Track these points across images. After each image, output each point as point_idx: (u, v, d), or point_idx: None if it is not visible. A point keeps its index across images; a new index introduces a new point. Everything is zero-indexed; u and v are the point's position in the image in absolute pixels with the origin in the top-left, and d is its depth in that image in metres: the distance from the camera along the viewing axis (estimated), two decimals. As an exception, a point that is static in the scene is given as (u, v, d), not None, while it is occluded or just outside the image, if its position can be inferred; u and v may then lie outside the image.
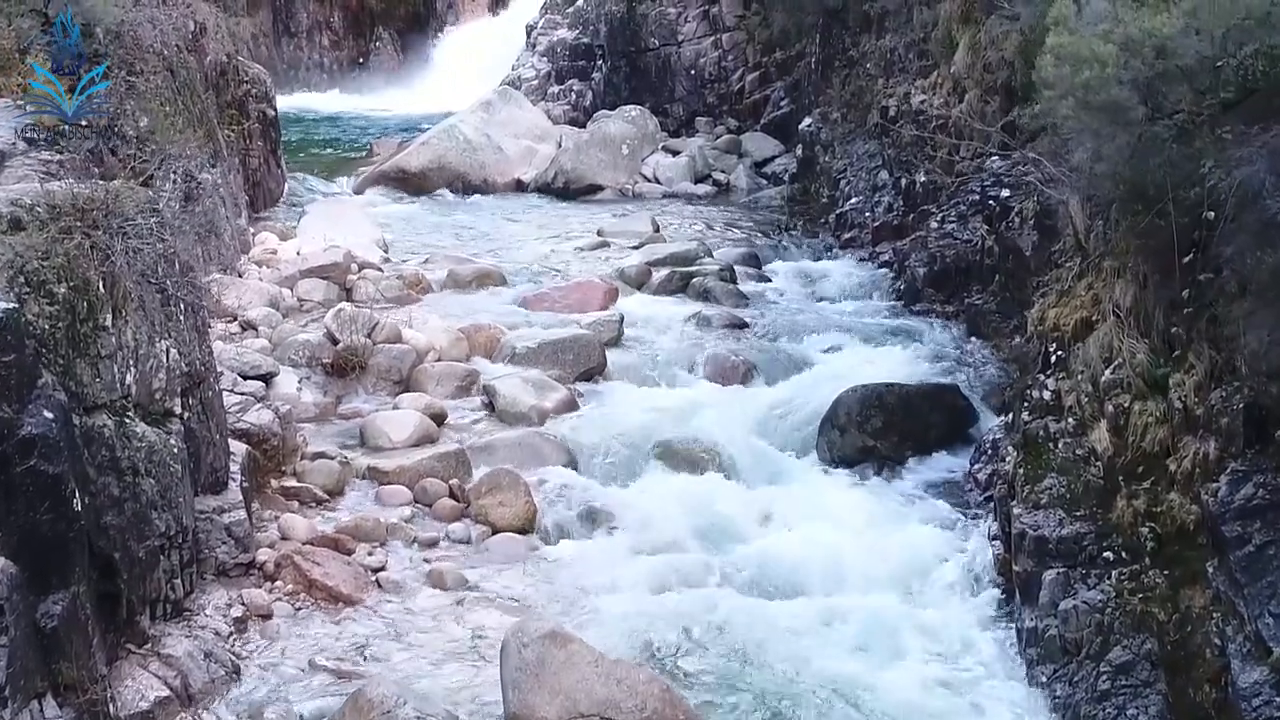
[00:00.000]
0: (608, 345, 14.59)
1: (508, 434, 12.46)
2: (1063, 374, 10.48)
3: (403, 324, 14.22)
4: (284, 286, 15.52)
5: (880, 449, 12.51)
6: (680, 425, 12.86)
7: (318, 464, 11.56)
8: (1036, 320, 11.05)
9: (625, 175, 23.58)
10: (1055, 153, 12.91)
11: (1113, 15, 7.69)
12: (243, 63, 21.12)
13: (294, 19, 39.39)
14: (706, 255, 17.93)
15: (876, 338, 15.23)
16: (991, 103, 17.01)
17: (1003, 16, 15.63)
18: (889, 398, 12.65)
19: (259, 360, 12.75)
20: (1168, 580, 8.58)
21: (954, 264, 16.20)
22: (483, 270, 16.89)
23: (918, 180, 18.36)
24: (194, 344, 9.90)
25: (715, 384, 14.01)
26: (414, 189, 22.96)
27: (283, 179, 21.90)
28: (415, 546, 10.74)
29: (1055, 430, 10.20)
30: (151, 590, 8.81)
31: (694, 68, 27.24)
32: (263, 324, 14.14)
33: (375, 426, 12.34)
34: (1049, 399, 10.48)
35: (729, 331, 15.31)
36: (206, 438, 10.00)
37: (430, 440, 12.31)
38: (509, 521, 11.04)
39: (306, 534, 10.49)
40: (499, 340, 14.45)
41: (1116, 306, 9.90)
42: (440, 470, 11.63)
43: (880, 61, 20.76)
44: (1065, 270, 11.28)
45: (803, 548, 10.81)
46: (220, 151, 16.68)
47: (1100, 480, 9.48)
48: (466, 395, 13.45)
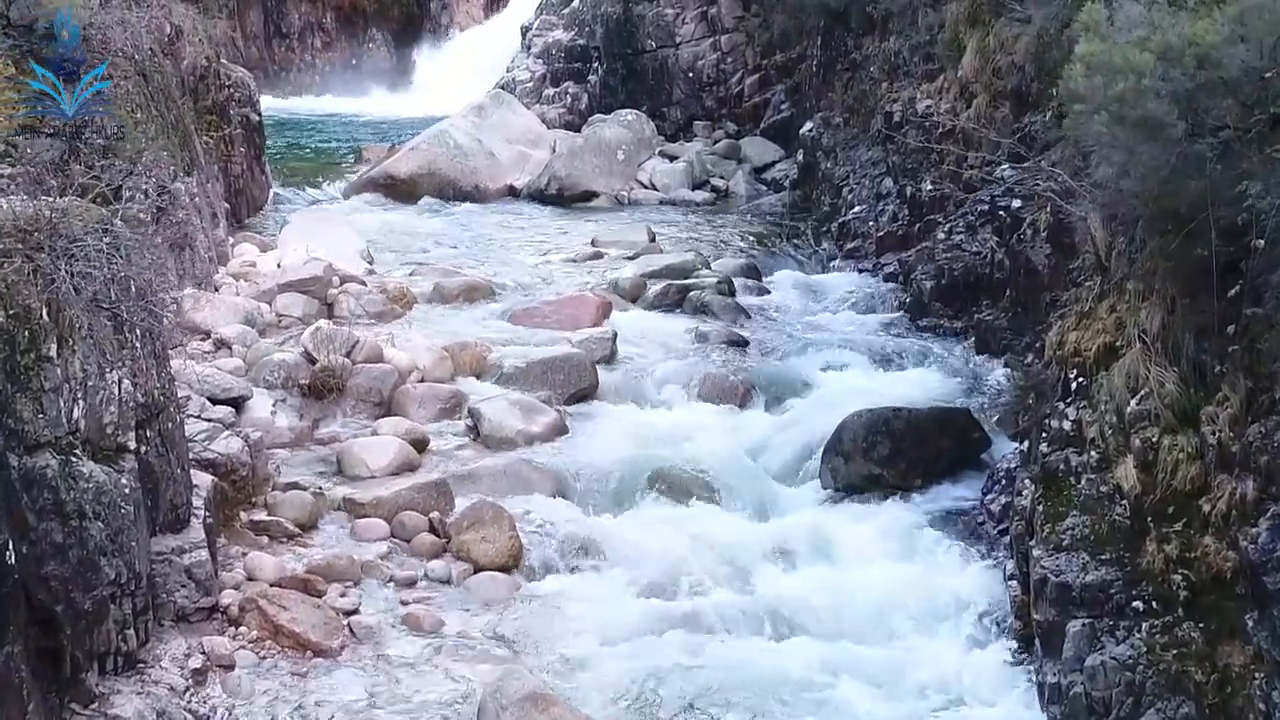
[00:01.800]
0: (600, 364, 13.90)
1: (493, 461, 11.77)
2: (1084, 403, 9.79)
3: (384, 342, 13.52)
4: (262, 301, 14.82)
5: (887, 477, 11.82)
6: (675, 451, 12.18)
7: (290, 496, 10.87)
8: (1055, 344, 10.36)
9: (621, 182, 22.88)
10: (1073, 164, 12.31)
11: (1149, 21, 6.98)
12: (226, 66, 20.50)
13: (285, 20, 38.70)
14: (704, 267, 17.24)
15: (881, 355, 14.55)
16: (1001, 109, 16.36)
17: (1013, 19, 14.95)
18: (896, 423, 11.96)
19: (230, 383, 12.05)
20: (1204, 635, 7.89)
21: (962, 277, 15.52)
22: (470, 283, 16.20)
23: (923, 189, 17.69)
24: (152, 372, 9.19)
25: (712, 405, 13.33)
26: (403, 196, 22.26)
27: (267, 186, 21.22)
28: (392, 586, 10.04)
29: (1077, 464, 9.52)
30: (99, 644, 8.11)
31: (692, 70, 26.59)
32: (237, 342, 13.44)
33: (352, 454, 11.65)
34: (1069, 429, 9.79)
35: (727, 349, 14.63)
36: (166, 472, 9.31)
37: (411, 468, 11.63)
38: (492, 559, 10.34)
39: (275, 574, 9.79)
40: (486, 359, 13.77)
41: (1143, 332, 9.22)
42: (420, 502, 10.94)
43: (884, 65, 20.10)
44: (1085, 290, 10.60)
45: (806, 587, 10.15)
46: (197, 159, 16.00)
47: (1127, 521, 8.79)
48: (450, 418, 12.76)
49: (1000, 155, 15.96)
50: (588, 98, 27.90)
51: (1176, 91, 6.85)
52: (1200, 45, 6.60)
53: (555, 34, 30.36)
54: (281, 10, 38.65)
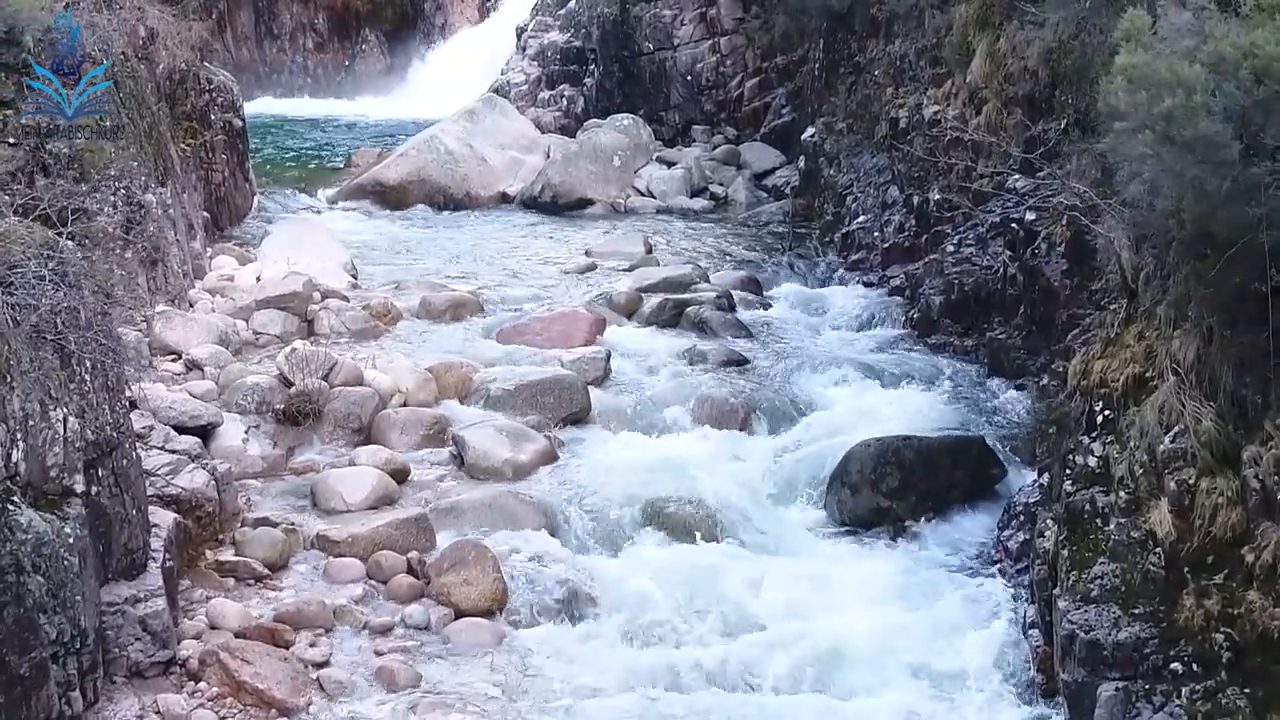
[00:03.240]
0: (593, 385, 13.19)
1: (477, 494, 11.06)
2: (1111, 438, 9.10)
3: (365, 364, 12.82)
4: (238, 318, 14.12)
5: (896, 510, 11.11)
6: (672, 481, 11.45)
7: (259, 533, 10.16)
8: (1078, 372, 9.66)
9: (616, 189, 22.15)
10: (1091, 176, 11.62)
11: (1198, 30, 6.26)
12: (208, 69, 19.79)
13: (276, 21, 37.96)
14: (702, 280, 16.52)
15: (888, 375, 13.83)
16: (1013, 116, 15.65)
17: (1026, 22, 14.23)
18: (906, 452, 11.25)
19: (199, 409, 11.35)
20: (1250, 701, 7.24)
21: (973, 292, 14.80)
22: (458, 299, 15.47)
23: (931, 198, 16.97)
24: (104, 407, 8.49)
25: (712, 430, 12.62)
26: (392, 203, 21.58)
27: (251, 193, 20.47)
28: (366, 634, 9.33)
29: (1104, 504, 8.83)
30: (40, 709, 7.39)
31: (690, 73, 25.87)
32: (209, 364, 12.73)
33: (328, 486, 10.94)
34: (1095, 466, 9.10)
35: (727, 369, 13.89)
36: (120, 514, 8.60)
37: (390, 501, 10.92)
38: (475, 603, 9.62)
39: (239, 622, 9.08)
40: (472, 380, 13.06)
41: (1175, 362, 8.54)
42: (398, 540, 10.23)
43: (889, 69, 19.37)
44: (1109, 314, 9.90)
45: (810, 636, 9.41)
46: (173, 167, 15.28)
47: (1162, 571, 8.10)
48: (434, 445, 12.05)
49: (1012, 165, 15.27)
50: (584, 101, 27.24)
51: (1230, 108, 6.14)
52: (1259, 56, 5.90)
53: (550, 35, 29.66)
54: (273, 11, 37.93)
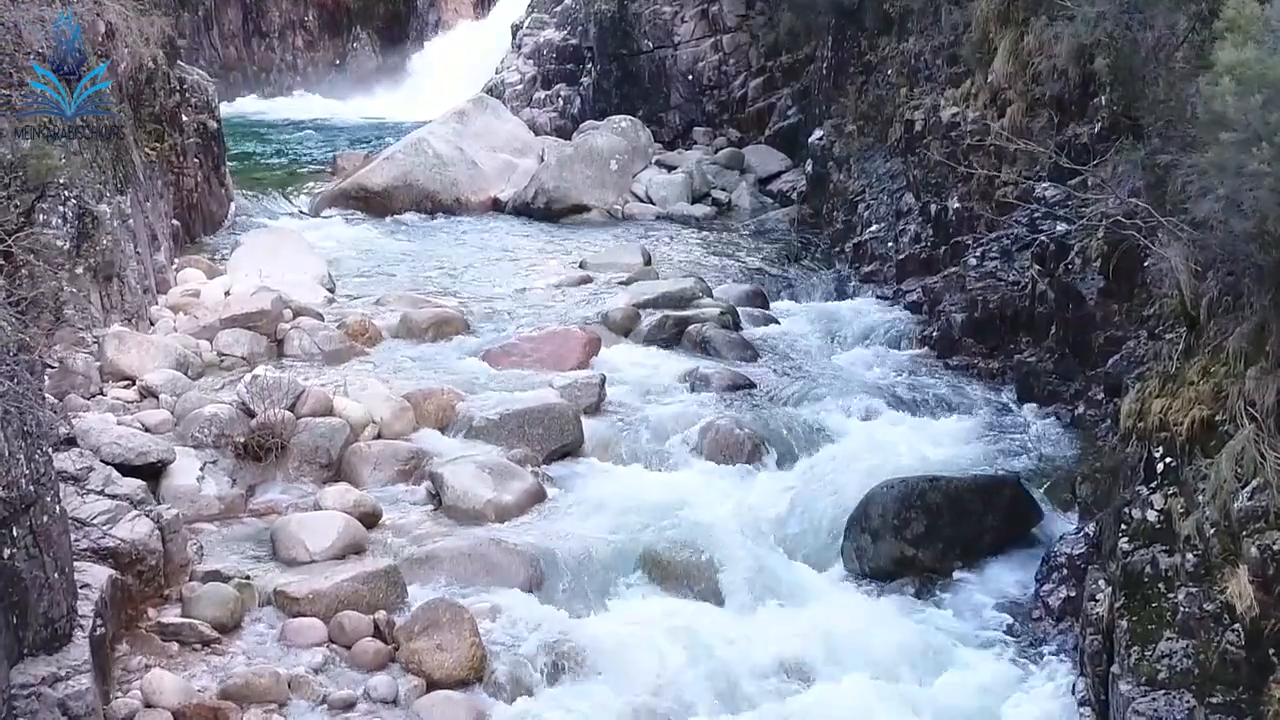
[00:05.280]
0: (586, 413, 12.07)
1: (456, 541, 9.91)
2: (1173, 489, 7.98)
3: (336, 391, 11.70)
4: (201, 338, 13.03)
5: (922, 560, 9.99)
6: (672, 524, 10.33)
7: (209, 589, 9.03)
8: (1133, 412, 8.53)
9: (614, 194, 21.03)
10: (1133, 185, 10.51)
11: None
12: (182, 68, 18.72)
13: (265, 18, 36.94)
14: (705, 294, 15.38)
15: (908, 402, 12.72)
16: (1039, 118, 14.55)
17: (1060, 16, 13.08)
18: (932, 495, 10.12)
19: (148, 445, 10.23)
20: (1356, 818, 6.10)
21: (998, 310, 13.72)
22: (442, 316, 14.34)
23: (950, 206, 15.89)
24: (19, 456, 7.37)
25: (715, 464, 11.50)
26: (377, 210, 20.48)
27: (228, 199, 19.43)
28: (325, 710, 8.20)
29: (1168, 568, 7.72)
30: (-72, 822, 6.31)
31: (691, 72, 24.80)
32: (165, 390, 11.62)
33: (289, 533, 9.80)
34: (1155, 522, 7.99)
35: (731, 394, 12.77)
36: (39, 579, 7.47)
37: (358, 550, 9.78)
38: (449, 672, 8.49)
39: (178, 698, 7.96)
40: (454, 409, 11.93)
41: (1251, 405, 7.43)
42: (365, 597, 9.10)
43: (903, 68, 18.28)
44: (1166, 344, 8.79)
45: (823, 710, 8.29)
46: (134, 174, 14.16)
47: (1242, 652, 6.98)
48: (409, 482, 10.95)
49: (1039, 171, 14.18)
50: (580, 101, 26.21)
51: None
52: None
53: (547, 33, 28.57)
54: (261, 8, 36.87)
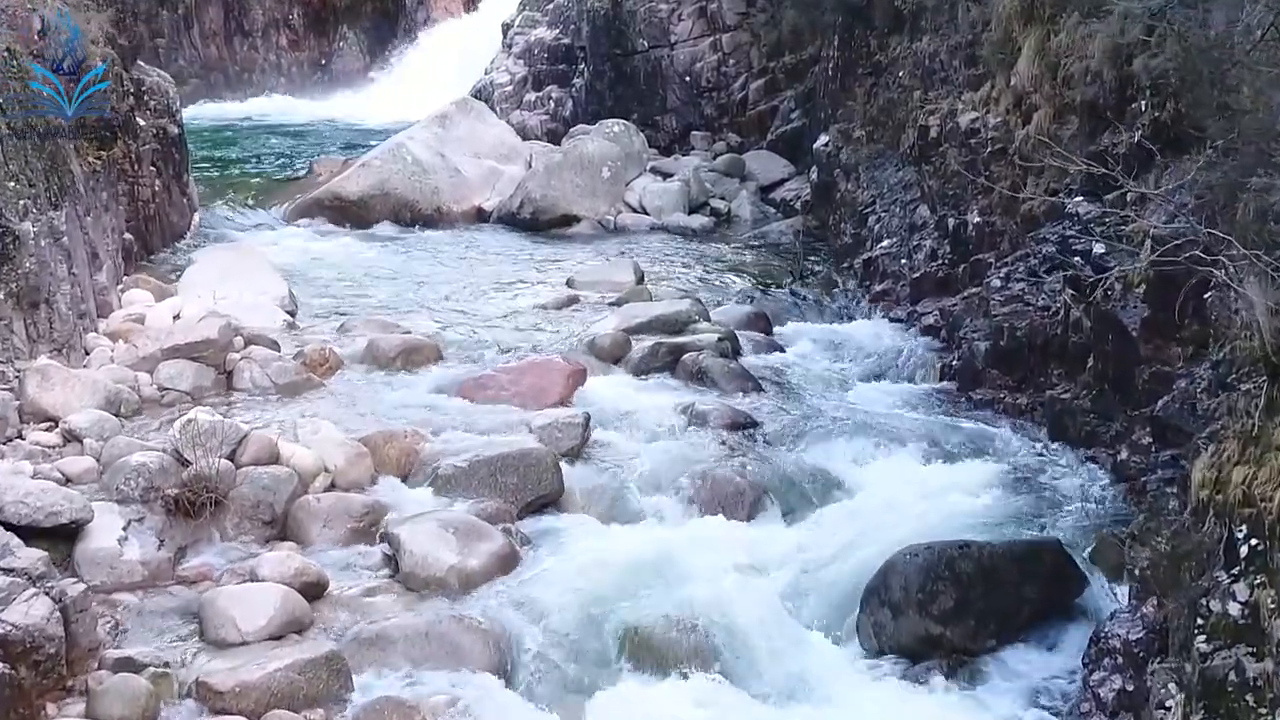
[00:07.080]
0: (566, 458, 10.72)
1: (412, 618, 8.56)
2: (1261, 578, 6.65)
3: (284, 434, 10.37)
4: (141, 370, 11.71)
5: (950, 638, 8.65)
6: (663, 593, 8.99)
7: (117, 681, 7.70)
8: (1209, 481, 7.19)
9: (605, 204, 19.73)
10: (1181, 202, 9.20)
11: None
12: (141, 69, 17.42)
13: (247, 16, 35.72)
14: (702, 318, 14.05)
15: (929, 441, 11.39)
16: (1068, 125, 13.22)
17: (1100, 11, 11.75)
18: (963, 564, 8.77)
19: (59, 503, 8.86)
20: None
21: (1026, 338, 12.35)
22: (412, 343, 12.98)
23: (969, 220, 14.58)
24: None
25: (712, 519, 10.17)
26: (354, 220, 19.22)
27: (189, 210, 18.15)
28: (244, 838, 6.90)
29: (1256, 675, 6.42)
30: None
31: (689, 73, 23.49)
32: (91, 434, 10.28)
33: (218, 609, 8.46)
34: (1239, 617, 6.66)
35: (731, 433, 11.43)
36: (-110, 690, 6.18)
37: (298, 628, 8.45)
38: (396, 790, 7.20)
39: (64, 830, 6.66)
40: (418, 453, 10.61)
41: (1359, 480, 6.10)
42: (302, 690, 7.77)
43: (915, 69, 16.97)
44: (1244, 397, 7.45)
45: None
46: (72, 185, 12.82)
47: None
48: (364, 541, 9.60)
49: (1069, 184, 12.85)
50: (572, 104, 24.99)
51: None
52: None
53: (538, 32, 27.40)
54: (243, 6, 35.60)
